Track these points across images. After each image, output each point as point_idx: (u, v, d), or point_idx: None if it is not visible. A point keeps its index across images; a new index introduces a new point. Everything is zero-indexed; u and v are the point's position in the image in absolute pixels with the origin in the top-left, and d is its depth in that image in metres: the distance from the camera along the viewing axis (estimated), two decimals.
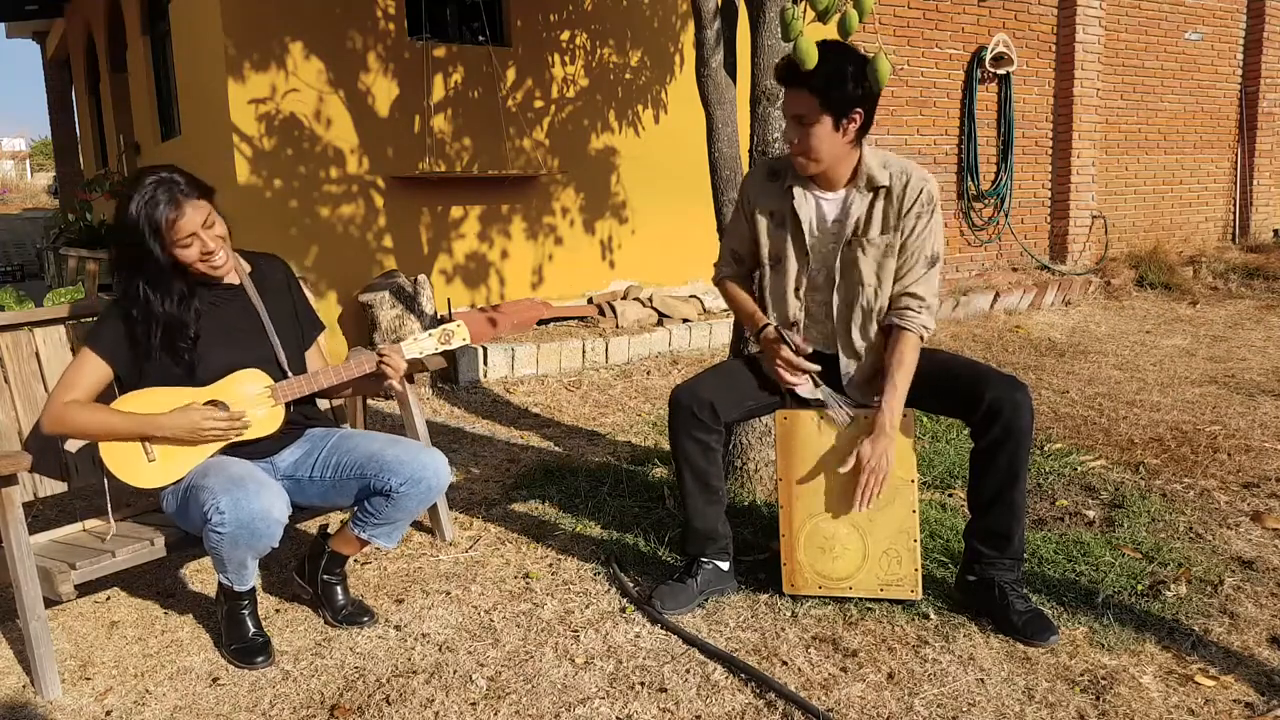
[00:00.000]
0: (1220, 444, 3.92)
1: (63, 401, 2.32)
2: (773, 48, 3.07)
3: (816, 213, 2.50)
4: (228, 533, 2.23)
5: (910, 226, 2.44)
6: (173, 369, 2.39)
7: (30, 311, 2.68)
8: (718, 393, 2.52)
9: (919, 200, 2.43)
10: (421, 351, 2.56)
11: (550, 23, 6.17)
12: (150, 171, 2.34)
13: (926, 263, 2.47)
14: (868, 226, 2.45)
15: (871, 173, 2.44)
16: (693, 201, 6.22)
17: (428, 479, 2.43)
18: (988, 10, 7.85)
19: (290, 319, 2.62)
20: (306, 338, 2.67)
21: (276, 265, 2.67)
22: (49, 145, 20.87)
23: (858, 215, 2.45)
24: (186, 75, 6.30)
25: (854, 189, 2.46)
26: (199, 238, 2.35)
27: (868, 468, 2.41)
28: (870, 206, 2.45)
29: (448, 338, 2.56)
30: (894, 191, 2.44)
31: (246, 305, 2.53)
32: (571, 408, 4.87)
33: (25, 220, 17.19)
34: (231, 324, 2.48)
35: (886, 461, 2.41)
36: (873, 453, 2.41)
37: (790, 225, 2.52)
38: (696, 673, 2.28)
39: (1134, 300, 7.71)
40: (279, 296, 2.61)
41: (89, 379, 2.36)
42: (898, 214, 2.44)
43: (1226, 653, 2.30)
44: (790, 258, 2.53)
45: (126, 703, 2.26)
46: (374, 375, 2.54)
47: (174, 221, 2.30)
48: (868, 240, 2.45)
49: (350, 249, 5.62)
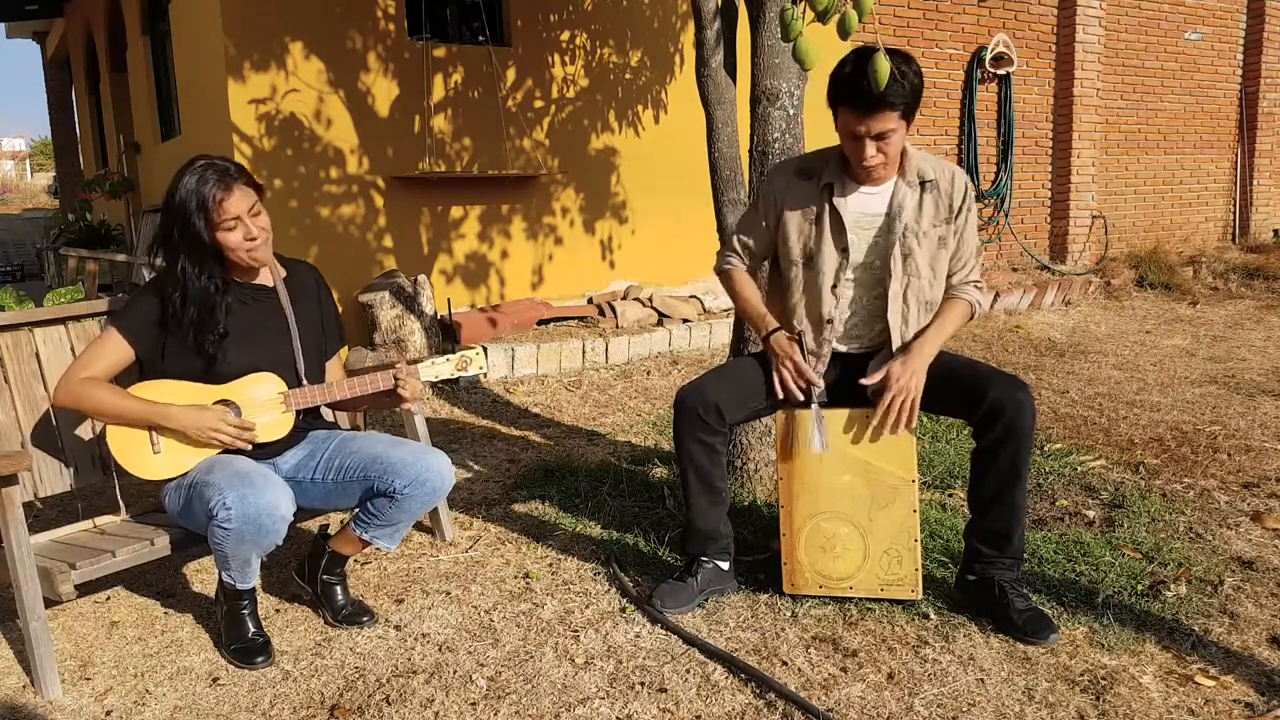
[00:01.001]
0: (1220, 444, 3.92)
1: (79, 377, 2.33)
2: (773, 48, 3.07)
3: (862, 207, 2.51)
4: (234, 528, 2.23)
5: (965, 221, 2.53)
6: (194, 360, 2.40)
7: (30, 311, 2.68)
8: (723, 395, 2.52)
9: (967, 195, 2.52)
10: (437, 376, 2.60)
11: (550, 23, 6.17)
12: (204, 156, 2.39)
13: (976, 252, 2.58)
14: (920, 218, 2.49)
15: (920, 167, 2.49)
16: (693, 201, 6.22)
17: (431, 480, 2.44)
18: (988, 10, 7.85)
19: (316, 328, 2.63)
20: (329, 349, 2.69)
21: (309, 272, 2.70)
22: (49, 145, 20.87)
23: (911, 208, 2.48)
24: (186, 75, 6.30)
25: (903, 182, 2.49)
26: (243, 222, 2.37)
27: (896, 387, 2.41)
28: (921, 199, 2.49)
29: (465, 364, 2.59)
30: (941, 186, 2.50)
31: (276, 308, 2.54)
32: (571, 408, 4.87)
33: (25, 220, 17.18)
34: (258, 324, 2.49)
35: (916, 386, 2.41)
36: (903, 372, 2.41)
37: (830, 222, 2.51)
38: (696, 673, 2.28)
39: (1134, 300, 7.71)
40: (308, 304, 2.63)
41: (109, 358, 2.37)
42: (948, 208, 2.50)
43: (1226, 653, 2.30)
44: (827, 254, 2.52)
45: (126, 703, 2.26)
46: (388, 393, 2.55)
47: (221, 201, 2.33)
48: (922, 233, 2.49)
49: (350, 249, 5.62)
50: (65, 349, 2.65)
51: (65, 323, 2.67)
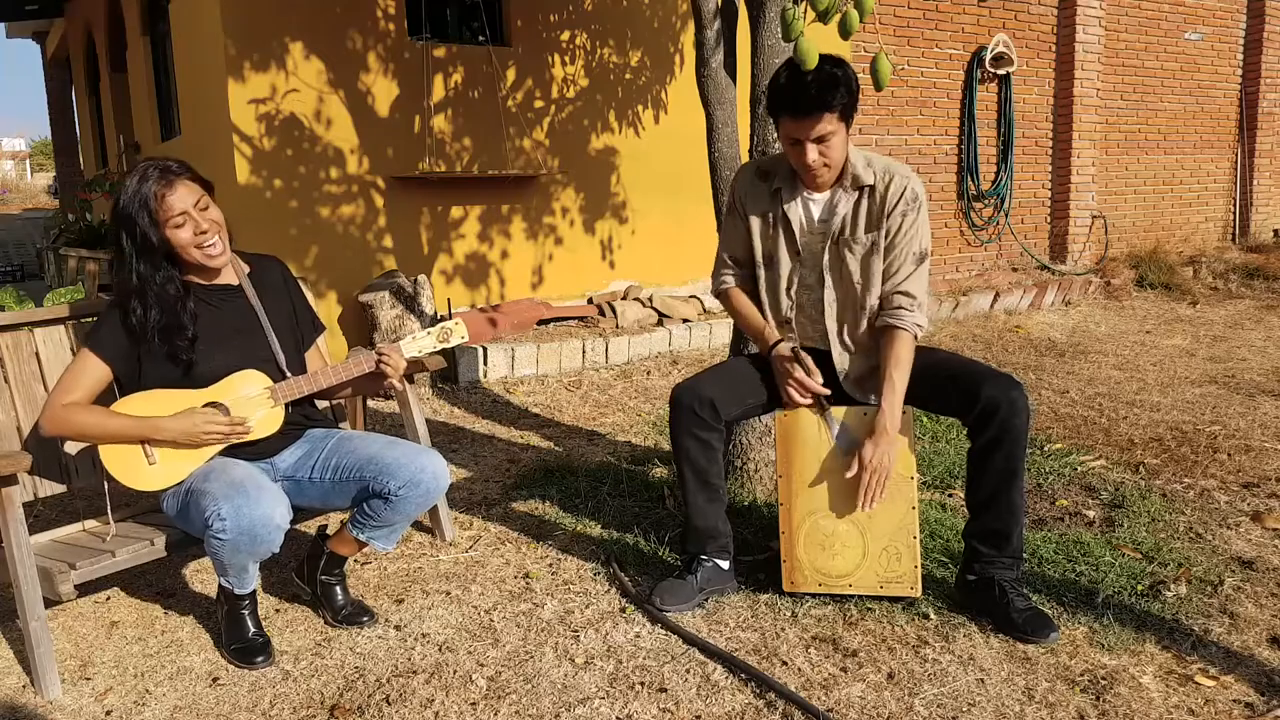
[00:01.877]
0: (1220, 444, 3.92)
1: (62, 404, 2.31)
2: (773, 48, 3.07)
3: (805, 212, 2.55)
4: (229, 539, 2.23)
5: (896, 225, 2.47)
6: (171, 369, 2.38)
7: (30, 311, 2.68)
8: (718, 391, 2.53)
9: (903, 198, 2.46)
10: (420, 350, 2.57)
11: (550, 23, 6.17)
12: (149, 158, 2.37)
13: (915, 260, 2.50)
14: (854, 226, 2.49)
15: (857, 172, 2.48)
16: (693, 201, 6.23)
17: (425, 482, 2.43)
18: (988, 10, 7.85)
19: (289, 320, 2.61)
20: (306, 339, 2.67)
21: (274, 266, 2.66)
22: (49, 145, 20.86)
23: (844, 214, 2.50)
24: (186, 75, 6.29)
25: (840, 189, 2.51)
26: (191, 217, 2.33)
27: (870, 468, 2.42)
28: (856, 205, 2.49)
29: (446, 335, 2.56)
30: (878, 190, 2.48)
31: (245, 306, 2.52)
32: (571, 408, 4.87)
33: (25, 220, 17.17)
34: (230, 325, 2.48)
35: (889, 461, 2.42)
36: (874, 453, 2.42)
37: (781, 226, 2.56)
38: (696, 673, 2.28)
39: (1134, 300, 7.71)
40: (277, 297, 2.60)
41: (88, 380, 2.35)
42: (880, 212, 2.48)
43: (1226, 653, 2.30)
44: (783, 258, 2.58)
45: (126, 703, 2.26)
46: (373, 374, 2.54)
47: (163, 196, 2.29)
48: (853, 239, 2.50)
49: (350, 249, 5.62)
50: (65, 349, 2.64)
51: (65, 323, 2.67)
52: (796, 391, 2.52)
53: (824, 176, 2.47)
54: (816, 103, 2.32)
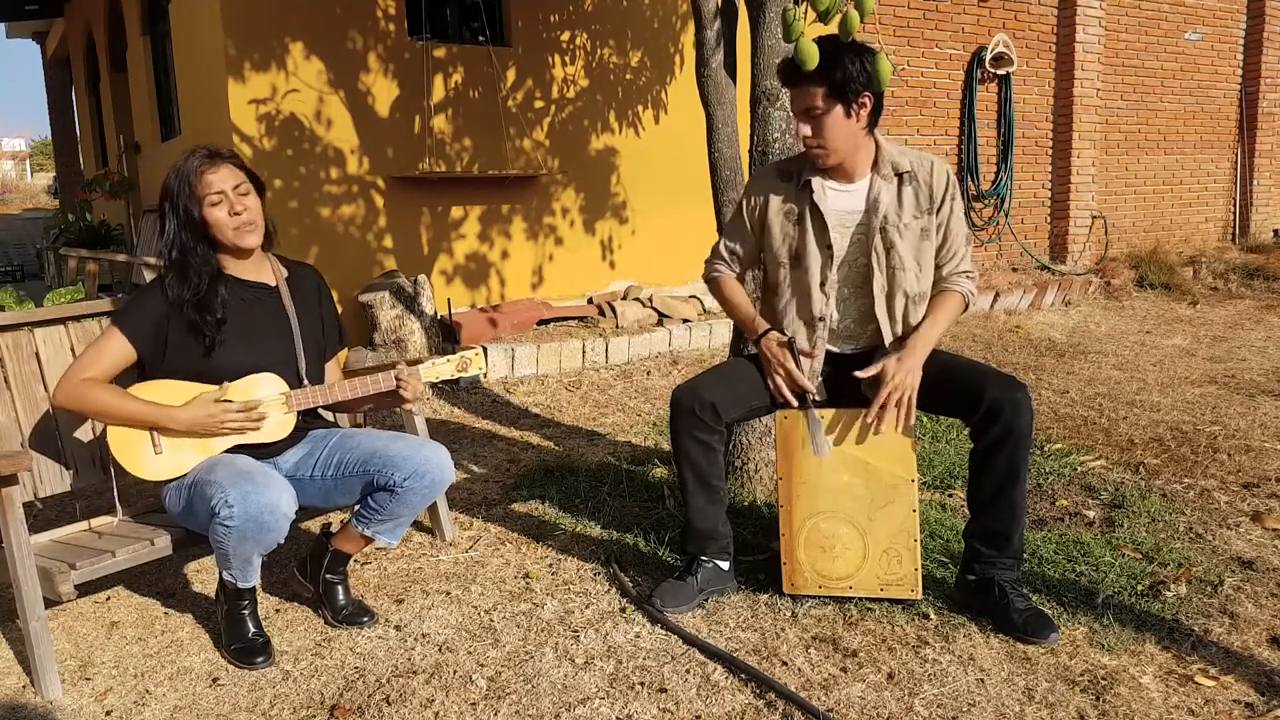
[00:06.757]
0: (1220, 444, 3.92)
1: (80, 378, 2.32)
2: (773, 48, 3.07)
3: (837, 206, 2.51)
4: (236, 526, 2.23)
5: (949, 210, 2.51)
6: (193, 354, 2.39)
7: (30, 311, 2.68)
8: (719, 393, 2.52)
9: (949, 184, 2.50)
10: (438, 377, 2.60)
11: (550, 23, 6.17)
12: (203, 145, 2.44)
13: (965, 241, 2.57)
14: (900, 211, 2.48)
15: (895, 160, 2.49)
16: (693, 201, 6.21)
17: (431, 473, 2.44)
18: (988, 10, 7.85)
19: (317, 329, 2.64)
20: (329, 350, 2.70)
21: (311, 274, 2.71)
22: (49, 145, 20.87)
23: (888, 201, 2.48)
24: (186, 75, 6.30)
25: (877, 176, 2.49)
26: (228, 198, 2.38)
27: (890, 384, 2.40)
28: (899, 192, 2.48)
29: (465, 365, 2.60)
30: (919, 176, 2.49)
31: (278, 308, 2.55)
32: (571, 408, 4.87)
33: (25, 220, 17.17)
34: (260, 322, 2.50)
35: (913, 381, 2.41)
36: (898, 368, 2.40)
37: (811, 221, 2.51)
38: (696, 673, 2.28)
39: (1134, 300, 7.71)
40: (309, 304, 2.63)
41: (110, 358, 2.37)
42: (930, 198, 2.49)
43: (1226, 653, 2.30)
44: (813, 254, 2.52)
45: (126, 703, 2.26)
46: (389, 394, 2.56)
47: (204, 173, 2.36)
48: (903, 225, 2.48)
49: (350, 249, 5.62)
50: (65, 349, 2.65)
51: (65, 323, 2.67)
52: (784, 381, 2.51)
53: (825, 158, 2.45)
54: (800, 74, 2.35)
